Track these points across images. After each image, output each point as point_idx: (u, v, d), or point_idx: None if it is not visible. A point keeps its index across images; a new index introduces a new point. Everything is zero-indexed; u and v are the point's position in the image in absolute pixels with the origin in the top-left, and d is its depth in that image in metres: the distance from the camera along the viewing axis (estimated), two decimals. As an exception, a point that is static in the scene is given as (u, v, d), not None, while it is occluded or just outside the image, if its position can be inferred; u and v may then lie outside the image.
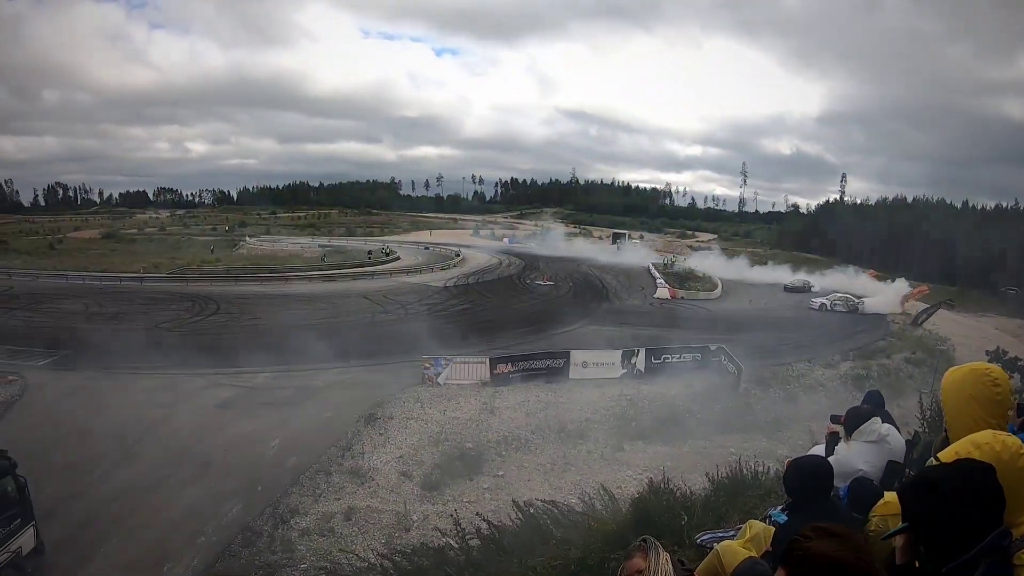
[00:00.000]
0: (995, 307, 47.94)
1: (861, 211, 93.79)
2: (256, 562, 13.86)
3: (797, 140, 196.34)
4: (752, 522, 4.16)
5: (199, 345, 29.80)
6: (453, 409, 22.27)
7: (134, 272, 52.96)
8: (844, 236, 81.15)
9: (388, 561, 9.31)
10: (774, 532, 3.58)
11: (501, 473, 18.34)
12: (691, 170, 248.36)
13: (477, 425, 21.10)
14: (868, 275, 56.74)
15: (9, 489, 12.50)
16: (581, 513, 8.91)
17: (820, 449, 5.02)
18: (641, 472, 18.17)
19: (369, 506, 16.23)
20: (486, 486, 17.55)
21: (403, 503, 16.39)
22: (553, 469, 18.78)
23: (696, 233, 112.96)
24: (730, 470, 9.88)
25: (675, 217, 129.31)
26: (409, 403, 22.68)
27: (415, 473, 17.98)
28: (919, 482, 2.19)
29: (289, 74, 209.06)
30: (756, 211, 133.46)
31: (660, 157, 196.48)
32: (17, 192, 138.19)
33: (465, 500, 16.73)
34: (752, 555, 3.29)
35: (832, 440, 4.93)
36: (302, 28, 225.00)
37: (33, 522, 12.98)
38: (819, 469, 3.62)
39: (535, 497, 15.99)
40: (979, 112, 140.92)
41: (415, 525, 15.35)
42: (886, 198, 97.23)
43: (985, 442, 2.31)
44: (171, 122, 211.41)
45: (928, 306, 41.27)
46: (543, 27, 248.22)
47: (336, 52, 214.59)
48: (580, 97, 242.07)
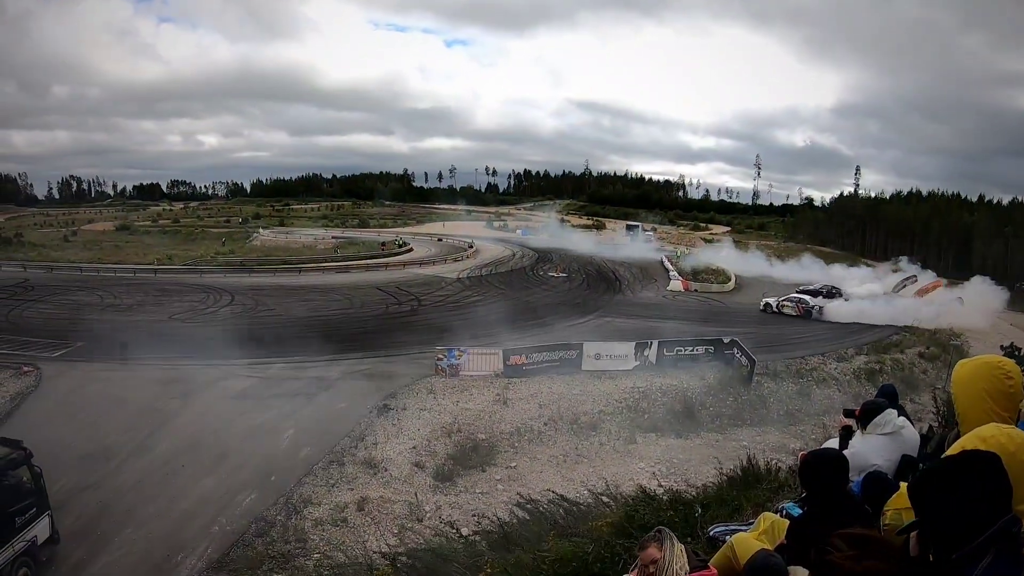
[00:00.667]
0: (1010, 303, 47.32)
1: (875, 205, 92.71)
2: (270, 552, 13.98)
3: (811, 132, 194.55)
4: (766, 514, 4.18)
5: (213, 336, 29.98)
6: (466, 400, 22.30)
7: (148, 264, 53.36)
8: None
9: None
10: (788, 525, 3.59)
11: (514, 464, 18.39)
12: (705, 162, 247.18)
13: (490, 416, 21.12)
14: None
15: (25, 479, 12.73)
16: (591, 505, 8.95)
17: (834, 443, 5.00)
18: (654, 464, 18.22)
19: (382, 496, 16.31)
20: (499, 477, 17.62)
21: (416, 494, 16.47)
22: (566, 461, 18.82)
23: (709, 226, 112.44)
24: (742, 463, 9.89)
25: (688, 209, 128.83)
26: (422, 394, 22.72)
27: (428, 464, 18.05)
28: (925, 478, 2.21)
29: (298, 67, 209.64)
30: (770, 204, 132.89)
31: (673, 149, 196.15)
32: (31, 186, 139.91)
33: (478, 491, 16.82)
34: (766, 547, 3.30)
35: (845, 434, 4.91)
36: (309, 20, 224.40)
37: (48, 512, 13.21)
38: (835, 462, 3.59)
39: (547, 488, 16.15)
40: (995, 104, 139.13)
41: (428, 516, 15.46)
42: (900, 191, 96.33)
43: (990, 435, 2.33)
44: (181, 115, 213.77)
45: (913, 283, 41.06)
46: (552, 17, 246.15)
47: (345, 44, 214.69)
48: (591, 88, 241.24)
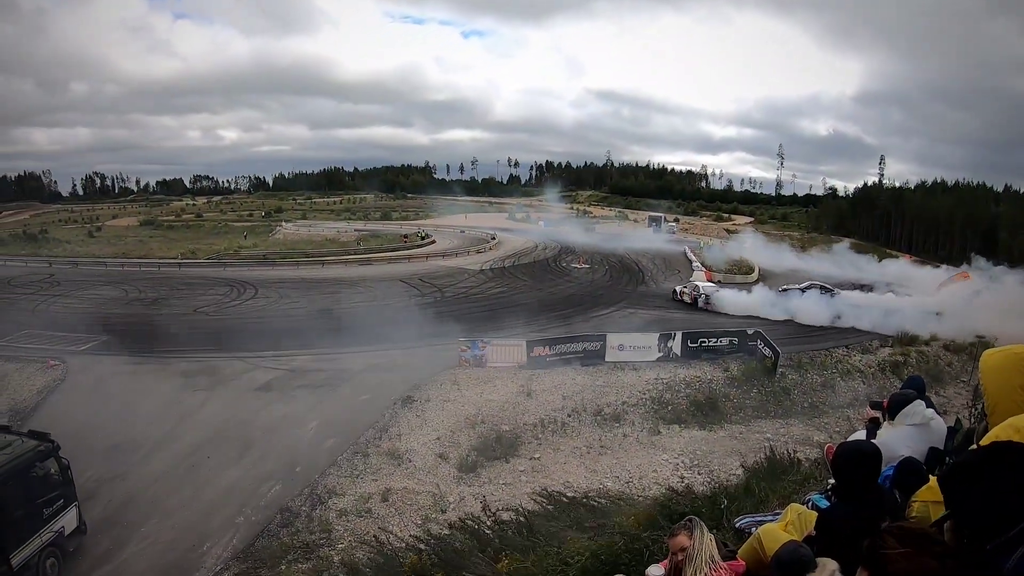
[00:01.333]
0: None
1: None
2: (294, 542, 14.16)
3: (834, 120, 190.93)
4: (794, 505, 4.18)
5: (238, 329, 30.38)
6: (490, 392, 22.36)
7: (172, 258, 54.04)
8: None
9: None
10: (817, 517, 3.58)
11: (537, 456, 18.42)
12: (727, 151, 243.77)
13: (514, 408, 21.16)
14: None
15: (52, 471, 13.07)
16: (617, 498, 8.97)
17: (860, 436, 4.97)
18: (677, 456, 18.17)
19: (406, 487, 16.43)
20: (522, 468, 17.66)
21: (439, 485, 16.59)
22: (589, 452, 18.81)
23: (733, 216, 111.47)
24: (767, 455, 9.86)
25: (711, 200, 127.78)
26: (446, 385, 22.82)
27: (452, 455, 18.14)
28: (958, 468, 2.18)
29: (314, 60, 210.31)
30: (794, 194, 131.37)
31: (695, 138, 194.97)
32: (55, 183, 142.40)
33: (501, 482, 16.87)
34: (794, 539, 3.31)
35: (872, 426, 4.89)
36: (323, 13, 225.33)
37: (75, 502, 13.57)
38: (868, 454, 3.50)
39: (571, 480, 16.19)
40: (1022, 92, 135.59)
41: (451, 507, 15.53)
42: (924, 181, 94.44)
43: None
44: (200, 111, 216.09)
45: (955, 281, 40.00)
46: (568, 6, 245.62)
47: (360, 37, 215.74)
48: (610, 78, 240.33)
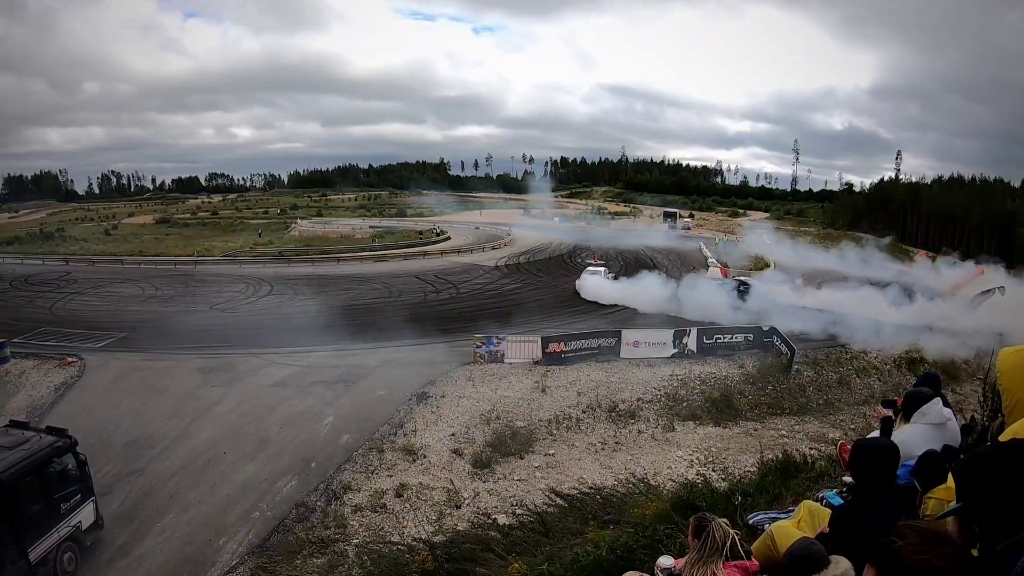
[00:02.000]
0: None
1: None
2: (309, 537, 14.25)
3: (849, 115, 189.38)
4: (807, 503, 4.19)
5: (254, 325, 30.63)
6: (504, 388, 22.38)
7: (188, 256, 54.50)
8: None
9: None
10: (832, 514, 3.59)
11: (552, 452, 18.44)
12: (741, 146, 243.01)
13: (528, 404, 21.16)
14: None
15: (70, 466, 13.26)
16: (630, 493, 8.98)
17: (875, 436, 4.96)
18: (692, 453, 18.14)
19: (421, 483, 16.49)
20: (537, 465, 17.67)
21: (454, 480, 16.63)
22: (604, 449, 18.80)
23: (748, 212, 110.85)
24: (782, 452, 9.83)
25: (726, 195, 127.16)
26: (461, 381, 22.86)
27: (466, 451, 18.18)
28: (973, 462, 2.18)
29: (325, 57, 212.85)
30: (809, 189, 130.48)
31: (709, 133, 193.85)
32: (72, 181, 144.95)
33: (516, 478, 16.90)
34: (806, 535, 3.32)
35: (885, 425, 4.86)
36: (332, 10, 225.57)
37: (93, 498, 13.76)
38: (887, 452, 3.53)
39: (585, 476, 16.20)
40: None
41: (466, 503, 15.60)
42: (941, 176, 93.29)
43: None
44: (212, 109, 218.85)
45: (984, 291, 39.47)
46: (578, 0, 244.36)
47: (370, 33, 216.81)
48: (621, 72, 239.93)
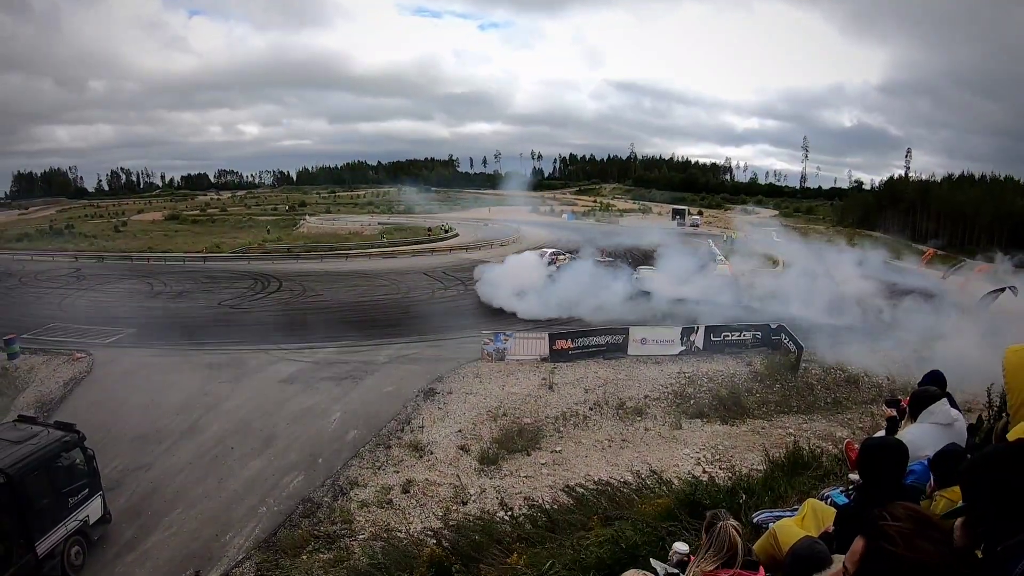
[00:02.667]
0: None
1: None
2: (315, 532, 14.28)
3: (858, 111, 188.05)
4: (811, 501, 4.19)
5: (262, 321, 30.77)
6: (512, 384, 22.40)
7: (197, 252, 54.70)
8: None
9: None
10: (836, 513, 3.58)
11: (559, 449, 18.42)
12: (750, 143, 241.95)
13: (536, 401, 21.18)
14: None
15: (78, 461, 13.37)
16: (637, 490, 8.96)
17: (882, 434, 4.92)
18: (699, 451, 18.10)
19: (427, 479, 16.51)
20: (543, 461, 17.66)
21: (461, 477, 16.63)
22: (611, 446, 18.78)
23: (757, 209, 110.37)
24: (788, 450, 9.79)
25: (736, 193, 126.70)
26: (468, 378, 22.93)
27: (473, 447, 18.19)
28: (978, 463, 2.17)
29: (331, 54, 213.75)
30: (819, 187, 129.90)
31: (718, 130, 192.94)
32: (81, 178, 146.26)
33: (522, 475, 16.88)
34: (809, 534, 3.32)
35: (891, 425, 4.82)
36: (338, 6, 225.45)
37: (100, 492, 13.87)
38: (896, 452, 3.49)
39: (592, 473, 16.18)
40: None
41: (472, 499, 15.61)
42: (951, 174, 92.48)
43: None
44: (220, 106, 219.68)
45: (993, 289, 39.15)
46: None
47: (376, 30, 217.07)
48: (630, 69, 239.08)
